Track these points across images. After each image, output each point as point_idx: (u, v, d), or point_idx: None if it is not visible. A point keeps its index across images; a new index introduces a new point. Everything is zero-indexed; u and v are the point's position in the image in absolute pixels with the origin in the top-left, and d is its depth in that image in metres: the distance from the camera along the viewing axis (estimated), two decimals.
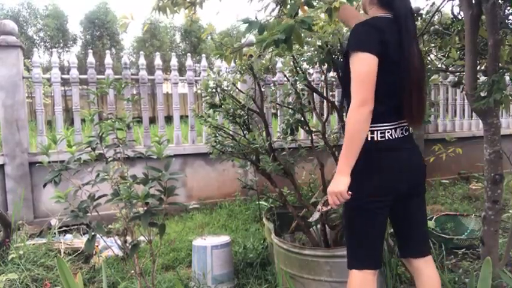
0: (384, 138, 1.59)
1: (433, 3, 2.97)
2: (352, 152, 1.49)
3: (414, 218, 1.71)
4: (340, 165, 1.52)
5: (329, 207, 1.66)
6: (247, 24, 1.67)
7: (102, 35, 19.53)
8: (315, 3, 1.68)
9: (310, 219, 1.91)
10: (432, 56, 3.11)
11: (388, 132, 1.59)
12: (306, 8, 1.67)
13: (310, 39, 2.48)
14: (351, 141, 1.49)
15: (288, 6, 1.75)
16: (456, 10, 2.69)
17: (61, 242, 3.21)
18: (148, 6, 2.71)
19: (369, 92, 1.46)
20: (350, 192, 1.52)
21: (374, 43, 1.48)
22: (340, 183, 1.51)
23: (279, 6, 1.94)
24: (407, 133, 1.65)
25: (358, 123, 1.47)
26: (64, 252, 3.11)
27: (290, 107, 2.75)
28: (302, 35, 2.11)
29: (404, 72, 1.54)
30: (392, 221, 1.76)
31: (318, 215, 1.76)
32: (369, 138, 1.59)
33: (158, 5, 2.50)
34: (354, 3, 1.85)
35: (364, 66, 1.47)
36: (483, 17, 2.24)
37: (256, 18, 1.71)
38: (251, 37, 2.10)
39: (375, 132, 1.59)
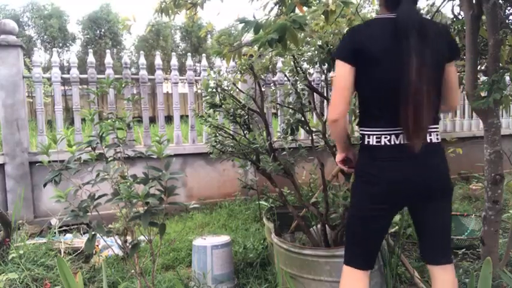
0: (379, 143, 1.54)
1: (433, 3, 2.97)
2: (336, 141, 1.76)
3: (428, 225, 1.66)
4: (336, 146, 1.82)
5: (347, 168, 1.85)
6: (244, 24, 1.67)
7: (104, 35, 19.53)
8: (315, 3, 1.68)
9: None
10: None
11: (386, 137, 1.54)
12: (304, 8, 1.67)
13: (310, 39, 2.48)
14: (332, 136, 1.77)
15: (288, 5, 1.75)
16: (456, 10, 2.69)
17: (61, 242, 3.21)
18: (149, 6, 2.71)
19: (339, 97, 1.55)
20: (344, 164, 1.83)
21: (348, 51, 1.53)
22: (337, 156, 1.83)
23: (277, 6, 1.94)
24: (422, 141, 1.53)
25: (331, 124, 1.62)
26: (64, 252, 3.11)
27: (290, 106, 2.74)
28: (302, 34, 2.12)
29: (398, 82, 1.46)
30: (414, 225, 1.76)
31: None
32: (365, 142, 1.59)
33: (161, 7, 2.51)
34: (355, 1, 1.84)
35: (337, 73, 1.57)
36: (483, 17, 2.24)
37: (254, 17, 1.71)
38: (250, 36, 2.10)
39: (371, 136, 1.57)
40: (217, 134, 2.84)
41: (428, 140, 1.55)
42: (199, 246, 2.62)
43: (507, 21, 2.47)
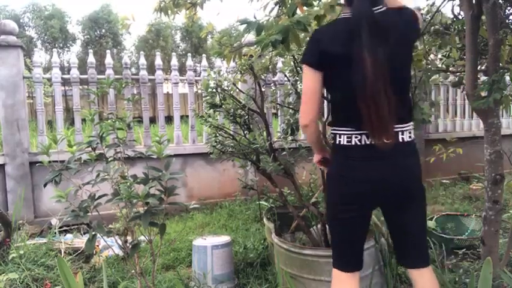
0: (350, 143, 1.53)
1: (433, 3, 2.96)
2: (311, 143, 1.77)
3: (404, 230, 1.63)
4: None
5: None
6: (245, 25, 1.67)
7: (104, 35, 19.54)
8: (315, 3, 1.68)
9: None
10: (432, 56, 3.10)
11: (356, 137, 1.51)
12: (304, 8, 1.67)
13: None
14: (307, 138, 1.73)
15: (288, 5, 1.75)
16: (456, 10, 2.69)
17: (61, 242, 3.21)
18: (149, 6, 2.72)
19: (308, 103, 1.57)
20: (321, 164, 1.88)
21: (314, 56, 1.53)
22: (314, 157, 1.87)
23: (278, 6, 1.94)
24: (389, 140, 1.48)
25: (303, 128, 1.64)
26: (64, 252, 3.11)
27: (290, 107, 2.75)
28: (302, 34, 2.12)
29: (356, 80, 1.44)
30: (387, 227, 1.74)
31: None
32: (337, 142, 1.58)
33: (160, 6, 2.51)
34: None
35: (304, 79, 1.57)
36: (483, 17, 2.24)
37: (255, 17, 1.71)
38: (251, 37, 2.11)
39: (342, 136, 1.55)
40: (218, 134, 2.84)
41: (400, 139, 1.51)
42: (199, 246, 2.62)
43: (507, 21, 2.47)
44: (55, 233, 3.54)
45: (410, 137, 1.54)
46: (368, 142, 1.51)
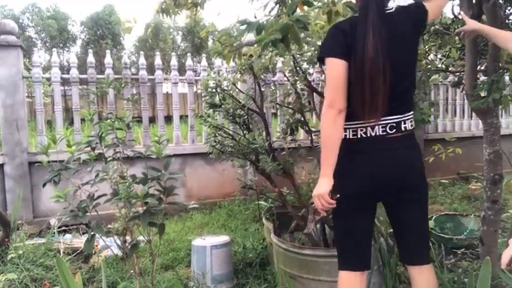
0: (355, 137, 1.54)
1: None
2: (328, 154, 1.52)
3: (406, 225, 1.64)
4: (321, 167, 1.55)
5: (320, 215, 1.65)
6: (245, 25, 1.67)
7: (104, 35, 19.54)
8: (315, 3, 1.68)
9: (305, 231, 1.91)
10: (432, 56, 3.10)
11: (362, 130, 1.53)
12: (304, 7, 1.67)
13: (310, 39, 2.48)
14: (324, 143, 1.52)
15: (288, 4, 1.75)
16: (456, 10, 2.69)
17: (60, 242, 3.21)
18: (149, 6, 2.71)
19: (336, 95, 1.47)
20: (332, 195, 1.52)
21: (340, 47, 1.49)
22: (321, 186, 1.52)
23: (278, 5, 1.94)
24: (393, 130, 1.52)
25: (327, 125, 1.50)
26: (63, 252, 3.11)
27: (290, 107, 2.75)
28: (302, 34, 2.12)
29: (358, 59, 1.44)
30: (390, 223, 1.74)
31: (312, 225, 1.78)
32: (343, 136, 1.57)
33: (161, 7, 2.51)
34: None
35: (331, 71, 1.49)
36: (483, 17, 2.24)
37: (255, 17, 1.71)
38: (251, 36, 2.11)
39: (347, 130, 1.56)
40: (217, 134, 2.84)
41: (403, 128, 1.53)
42: (198, 246, 2.62)
43: (507, 21, 2.47)
44: (54, 233, 3.53)
45: (412, 125, 1.57)
46: (373, 134, 1.52)
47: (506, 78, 2.17)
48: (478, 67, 2.54)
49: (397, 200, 1.61)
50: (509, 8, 2.49)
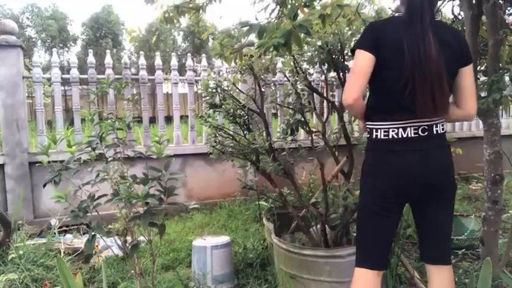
0: (387, 137, 1.56)
1: None
2: (357, 116, 1.74)
3: (432, 224, 1.65)
4: None
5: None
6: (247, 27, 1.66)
7: (105, 35, 19.55)
8: (316, 4, 1.68)
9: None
10: None
11: (394, 131, 1.55)
12: (305, 9, 1.67)
13: (310, 39, 2.48)
14: (351, 113, 1.84)
15: (289, 6, 1.75)
16: (456, 10, 2.69)
17: (61, 242, 3.21)
18: (149, 6, 2.70)
19: (355, 82, 1.55)
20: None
21: (370, 41, 1.54)
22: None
23: (278, 7, 1.94)
24: (425, 133, 1.55)
25: (348, 107, 1.63)
26: (64, 252, 3.11)
27: (290, 107, 2.75)
28: (302, 35, 2.12)
29: (413, 65, 1.47)
30: (414, 221, 1.75)
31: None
32: (373, 136, 1.60)
33: (165, 16, 2.50)
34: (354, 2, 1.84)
35: (356, 60, 1.57)
36: (483, 17, 2.24)
37: (256, 19, 1.71)
38: (251, 37, 2.11)
39: (379, 130, 1.58)
40: (217, 134, 2.84)
41: (435, 132, 1.57)
42: (199, 247, 2.62)
43: (507, 21, 2.47)
44: (54, 233, 3.53)
45: (443, 129, 1.61)
46: (404, 135, 1.54)
47: (506, 78, 2.17)
48: (478, 67, 2.54)
49: (425, 200, 1.62)
50: (509, 8, 2.50)
